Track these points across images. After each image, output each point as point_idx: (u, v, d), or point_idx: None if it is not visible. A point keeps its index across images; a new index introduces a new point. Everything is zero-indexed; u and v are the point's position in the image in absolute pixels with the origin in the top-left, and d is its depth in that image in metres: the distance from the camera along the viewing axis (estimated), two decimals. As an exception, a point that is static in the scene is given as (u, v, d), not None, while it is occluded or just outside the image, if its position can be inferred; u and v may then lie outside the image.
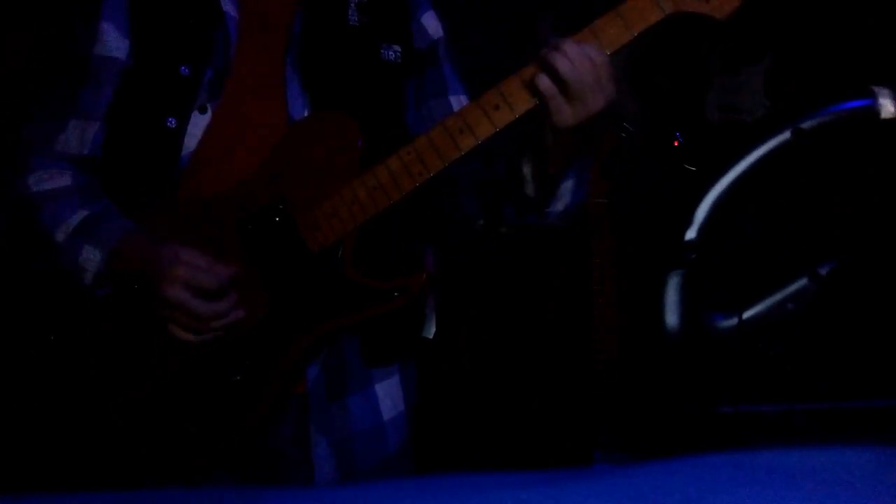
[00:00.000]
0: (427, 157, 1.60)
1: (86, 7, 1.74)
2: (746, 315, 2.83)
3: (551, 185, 1.70)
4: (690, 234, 2.85)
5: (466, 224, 1.87)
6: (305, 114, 1.71)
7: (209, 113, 1.69)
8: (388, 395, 1.81)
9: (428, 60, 1.85)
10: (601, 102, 1.56)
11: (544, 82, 1.54)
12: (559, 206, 1.73)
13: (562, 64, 1.53)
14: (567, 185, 1.72)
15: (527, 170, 1.69)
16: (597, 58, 1.54)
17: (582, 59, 1.53)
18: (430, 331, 2.59)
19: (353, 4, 1.78)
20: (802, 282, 2.81)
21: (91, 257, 1.63)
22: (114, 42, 1.72)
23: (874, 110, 2.73)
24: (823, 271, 2.78)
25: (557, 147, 1.62)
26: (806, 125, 2.78)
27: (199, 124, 1.69)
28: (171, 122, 1.67)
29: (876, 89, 2.74)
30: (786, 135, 2.80)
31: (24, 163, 1.73)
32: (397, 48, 1.79)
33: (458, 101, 1.83)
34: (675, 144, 2.95)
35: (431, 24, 1.87)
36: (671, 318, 2.85)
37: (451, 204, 1.84)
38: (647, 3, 1.55)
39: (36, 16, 2.72)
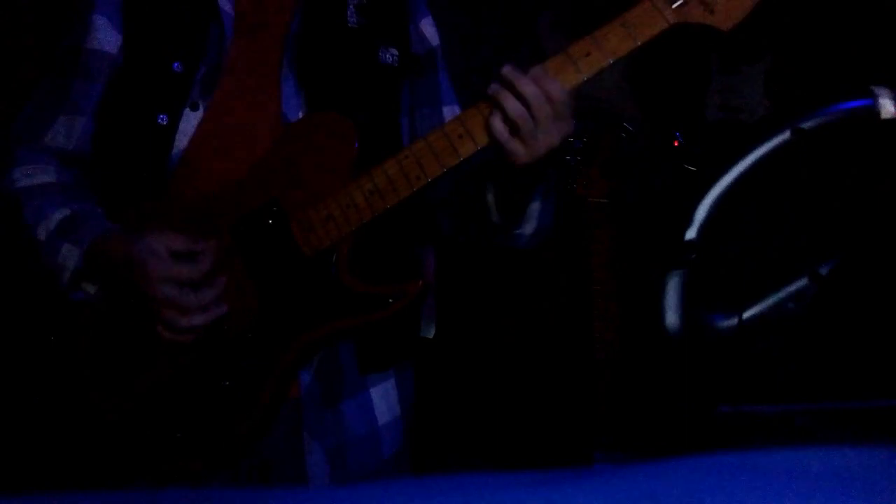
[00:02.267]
0: (425, 162, 1.58)
1: (80, 2, 1.72)
2: (746, 315, 2.84)
3: (518, 209, 1.69)
4: (690, 234, 2.85)
5: (441, 238, 1.87)
6: (300, 114, 1.69)
7: (201, 110, 1.67)
8: (384, 399, 1.78)
9: (425, 67, 1.84)
10: (557, 139, 1.54)
11: (496, 125, 1.53)
12: (528, 228, 1.72)
13: (511, 106, 1.51)
14: (534, 207, 1.70)
15: (490, 197, 1.67)
16: (554, 95, 1.51)
17: (536, 99, 1.50)
18: (430, 331, 2.59)
19: (352, 6, 1.76)
20: (802, 282, 2.82)
21: (70, 255, 1.61)
22: (105, 36, 1.70)
23: (874, 110, 2.74)
24: (823, 271, 2.79)
25: (521, 175, 1.61)
26: (806, 125, 2.78)
27: (191, 122, 1.66)
28: (163, 120, 1.65)
29: (876, 89, 2.74)
30: (786, 135, 2.81)
31: (10, 155, 1.71)
32: (395, 51, 1.77)
33: (451, 112, 1.82)
34: (675, 144, 2.95)
35: (430, 30, 1.85)
36: (671, 317, 2.85)
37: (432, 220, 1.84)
38: (651, 13, 1.54)
39: (34, 12, 2.72)
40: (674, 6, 1.55)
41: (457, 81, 1.92)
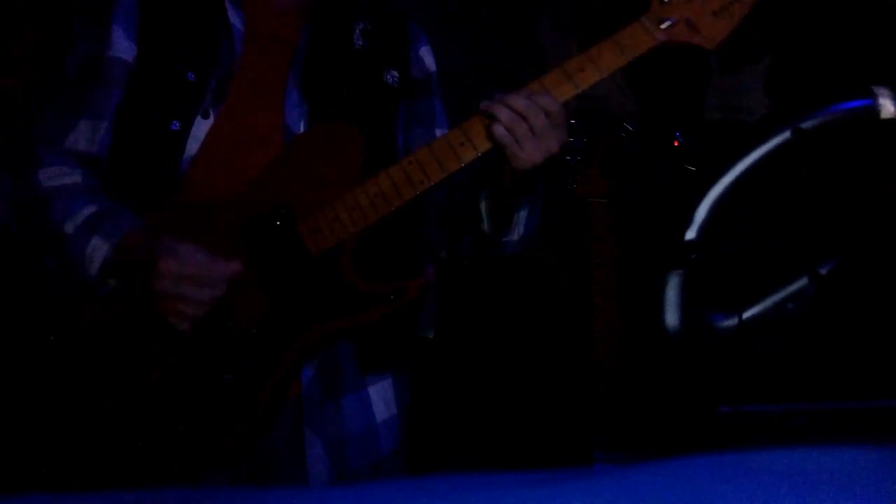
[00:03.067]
0: (428, 167, 1.67)
1: (98, 10, 1.78)
2: (746, 315, 2.84)
3: (507, 217, 1.79)
4: (690, 234, 2.86)
5: (432, 253, 1.97)
6: (302, 124, 1.77)
7: (212, 118, 1.73)
8: (381, 397, 1.83)
9: (422, 91, 1.94)
10: (555, 145, 1.66)
11: (498, 130, 1.64)
12: (514, 235, 1.82)
13: (505, 115, 1.63)
14: (521, 215, 1.80)
15: (483, 207, 1.78)
16: (549, 107, 1.64)
17: (530, 110, 1.62)
18: (430, 331, 2.59)
19: (357, 30, 1.87)
20: (802, 282, 2.82)
21: (99, 247, 1.65)
22: (122, 45, 1.76)
23: (874, 110, 2.74)
24: (823, 271, 2.79)
25: (515, 184, 1.72)
26: (806, 125, 2.78)
27: (202, 129, 1.73)
28: (176, 125, 1.72)
29: (876, 89, 2.75)
30: (786, 135, 2.81)
31: (35, 157, 1.75)
32: (395, 73, 1.88)
33: (442, 134, 1.90)
34: (675, 144, 2.95)
35: (428, 57, 1.96)
36: (671, 318, 2.86)
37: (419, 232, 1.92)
38: (641, 32, 1.67)
39: (43, 16, 2.73)
40: (662, 26, 1.67)
41: (457, 81, 1.96)
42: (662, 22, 1.67)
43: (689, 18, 1.68)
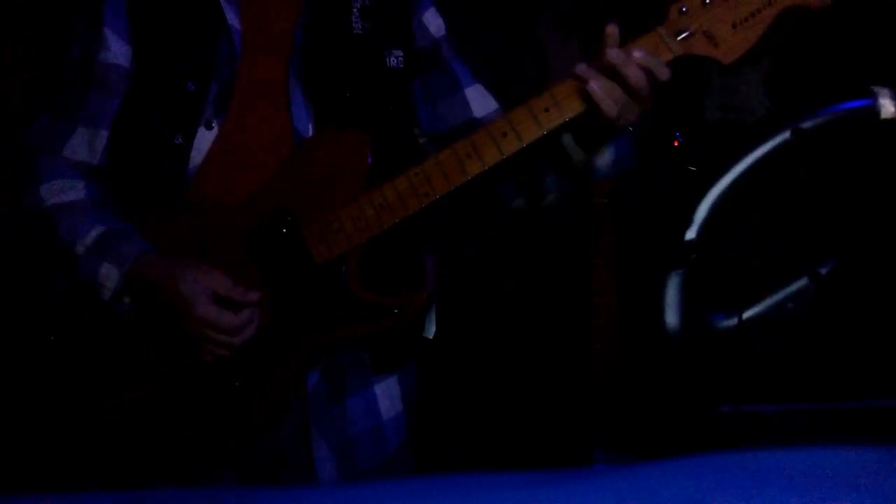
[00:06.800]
0: (434, 180, 1.63)
1: (88, 11, 1.73)
2: (746, 315, 2.84)
3: (597, 140, 1.71)
4: (690, 234, 2.86)
5: (501, 209, 1.88)
6: (310, 126, 1.72)
7: (215, 129, 1.69)
8: (387, 395, 1.82)
9: (432, 60, 1.85)
10: (647, 105, 1.64)
11: (596, 86, 1.56)
12: (608, 156, 1.78)
13: (631, 71, 1.57)
14: (611, 143, 1.73)
15: (567, 139, 1.69)
16: (658, 70, 1.58)
17: (645, 67, 1.57)
18: (430, 331, 2.59)
19: (356, 10, 1.78)
20: (802, 282, 2.82)
21: (110, 275, 1.63)
22: (117, 49, 1.71)
23: (874, 110, 2.74)
24: (823, 271, 2.79)
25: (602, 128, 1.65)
26: (806, 125, 2.78)
27: (205, 139, 1.69)
28: (178, 139, 1.68)
29: (876, 89, 2.74)
30: (786, 135, 2.81)
31: (34, 168, 1.71)
32: (399, 53, 1.79)
33: (474, 92, 1.84)
34: (675, 144, 2.95)
35: (433, 22, 1.86)
36: (671, 317, 2.85)
37: (485, 193, 1.84)
38: (657, 45, 1.59)
39: (37, 17, 2.73)
40: (679, 38, 1.59)
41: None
42: (680, 33, 1.59)
43: (709, 30, 1.59)
